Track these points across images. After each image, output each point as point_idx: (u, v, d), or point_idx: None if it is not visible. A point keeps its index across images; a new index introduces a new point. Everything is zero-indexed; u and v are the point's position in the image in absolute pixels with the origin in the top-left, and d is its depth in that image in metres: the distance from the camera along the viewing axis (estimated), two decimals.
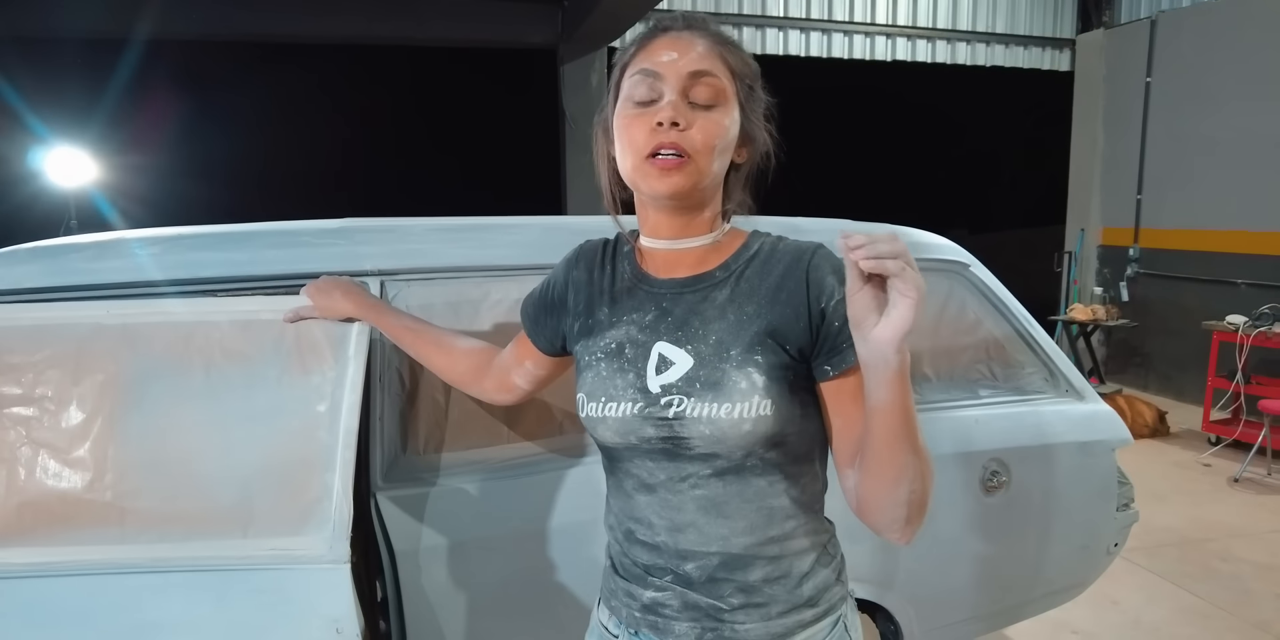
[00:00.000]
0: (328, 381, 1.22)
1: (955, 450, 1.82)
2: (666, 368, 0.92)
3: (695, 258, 0.97)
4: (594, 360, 0.98)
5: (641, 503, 0.96)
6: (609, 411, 0.94)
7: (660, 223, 0.96)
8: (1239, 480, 4.38)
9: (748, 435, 0.88)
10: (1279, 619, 2.90)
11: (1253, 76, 5.57)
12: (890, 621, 1.84)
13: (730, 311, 0.93)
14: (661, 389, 0.91)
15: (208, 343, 1.23)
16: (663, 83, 0.88)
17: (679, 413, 0.90)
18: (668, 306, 0.96)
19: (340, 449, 1.18)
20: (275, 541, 1.16)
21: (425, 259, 1.52)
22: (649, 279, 0.99)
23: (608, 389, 0.95)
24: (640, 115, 0.89)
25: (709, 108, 0.89)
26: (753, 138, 0.96)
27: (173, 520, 1.15)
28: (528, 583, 1.46)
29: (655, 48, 0.90)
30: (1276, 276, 5.40)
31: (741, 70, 0.93)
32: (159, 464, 1.18)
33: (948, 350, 1.94)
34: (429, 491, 1.43)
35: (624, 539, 1.00)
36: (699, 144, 0.88)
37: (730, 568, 0.93)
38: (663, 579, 0.96)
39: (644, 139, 0.88)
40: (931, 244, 1.98)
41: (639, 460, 0.95)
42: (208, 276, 1.39)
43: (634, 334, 0.96)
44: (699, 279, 0.96)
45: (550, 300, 1.07)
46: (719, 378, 0.89)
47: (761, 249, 0.97)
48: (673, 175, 0.88)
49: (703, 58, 0.89)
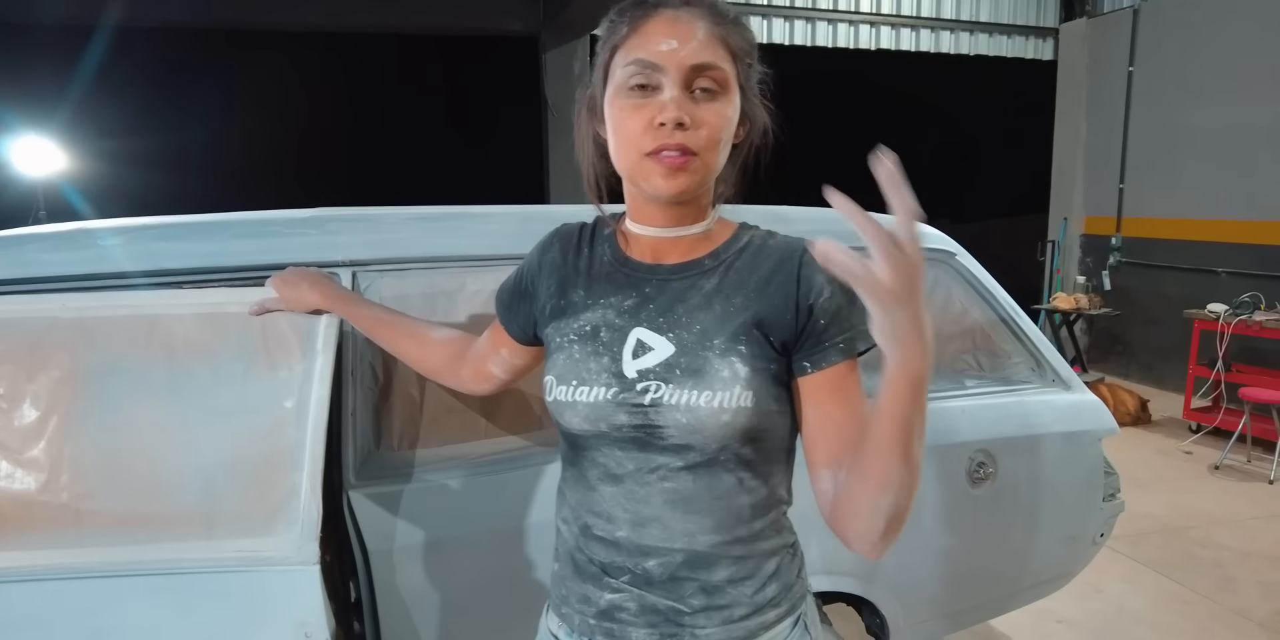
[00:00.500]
0: (295, 376, 1.17)
1: (941, 441, 1.80)
2: (644, 353, 0.89)
3: (686, 245, 0.93)
4: (566, 342, 0.94)
5: (605, 494, 0.92)
6: (580, 395, 0.89)
7: (653, 212, 0.92)
8: (1220, 467, 4.41)
9: (725, 426, 0.85)
10: (1260, 605, 2.92)
11: (1234, 66, 5.58)
12: (876, 615, 1.83)
13: (717, 302, 0.89)
14: (638, 374, 0.88)
15: (170, 336, 1.17)
16: (662, 75, 0.83)
17: (656, 399, 0.86)
18: (650, 293, 0.92)
19: (309, 446, 1.14)
20: (241, 543, 1.11)
21: (399, 249, 1.47)
22: (632, 263, 0.95)
23: (580, 372, 0.90)
24: (640, 107, 0.84)
25: (712, 99, 0.84)
26: (751, 117, 0.92)
27: (133, 522, 1.11)
28: (505, 582, 1.42)
29: (651, 32, 0.84)
30: (1257, 265, 5.44)
31: (742, 49, 0.88)
32: (118, 463, 1.13)
33: (933, 340, 1.92)
34: (403, 489, 1.38)
35: (580, 535, 0.95)
36: (705, 141, 0.84)
37: (694, 566, 0.89)
38: (620, 579, 0.91)
39: (645, 136, 0.83)
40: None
41: (607, 448, 0.91)
42: (173, 268, 1.34)
43: (611, 318, 0.92)
44: (686, 266, 0.92)
45: (524, 285, 1.03)
46: (701, 365, 0.85)
47: (752, 241, 0.93)
48: (678, 176, 0.84)
49: (704, 46, 0.84)
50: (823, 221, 1.93)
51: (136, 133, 5.35)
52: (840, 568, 1.71)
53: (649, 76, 0.83)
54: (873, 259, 0.63)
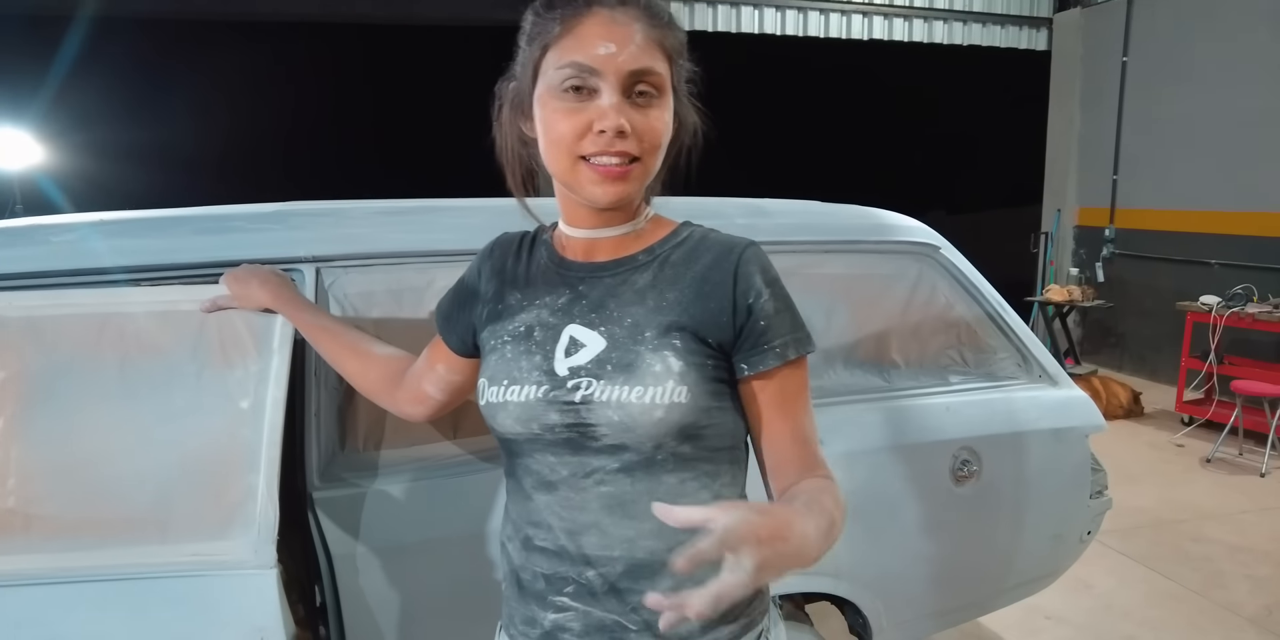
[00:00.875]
0: (251, 376, 1.14)
1: (925, 439, 1.77)
2: (577, 350, 0.86)
3: (620, 241, 0.91)
4: (499, 343, 0.91)
5: (541, 503, 0.88)
6: (510, 395, 0.87)
7: (585, 215, 0.90)
8: (1211, 461, 4.39)
9: (659, 423, 0.81)
10: (1249, 601, 2.90)
11: (1228, 57, 5.54)
12: (858, 615, 1.80)
13: (650, 296, 0.87)
14: (569, 371, 0.85)
15: (121, 336, 1.14)
16: (600, 79, 0.80)
17: (586, 396, 0.83)
18: (584, 290, 0.89)
19: (265, 448, 1.11)
20: (196, 547, 1.08)
21: (364, 244, 1.44)
22: (567, 263, 0.92)
23: (511, 371, 0.88)
24: (575, 111, 0.80)
25: (649, 104, 0.82)
26: (683, 117, 0.89)
27: (83, 527, 1.07)
28: (473, 587, 1.38)
29: (587, 34, 0.80)
30: (1250, 257, 5.41)
31: (676, 50, 0.85)
32: (68, 467, 1.09)
33: (917, 335, 1.89)
34: (368, 492, 1.35)
35: (523, 549, 0.92)
36: (645, 147, 0.81)
37: (635, 576, 0.85)
38: (564, 591, 0.88)
39: (582, 141, 0.80)
40: (901, 226, 1.91)
41: (539, 454, 0.87)
42: (129, 265, 1.30)
43: (545, 317, 0.90)
44: (619, 262, 0.90)
45: (464, 294, 1.00)
46: (632, 360, 0.83)
47: (690, 237, 0.91)
48: (617, 184, 0.81)
49: (643, 50, 0.80)
50: (802, 215, 1.89)
51: (116, 125, 5.29)
52: (819, 567, 1.68)
53: (585, 80, 0.80)
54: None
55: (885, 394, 1.80)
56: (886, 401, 1.79)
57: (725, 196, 1.96)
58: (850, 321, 1.81)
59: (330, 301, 1.39)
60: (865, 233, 1.87)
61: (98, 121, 5.13)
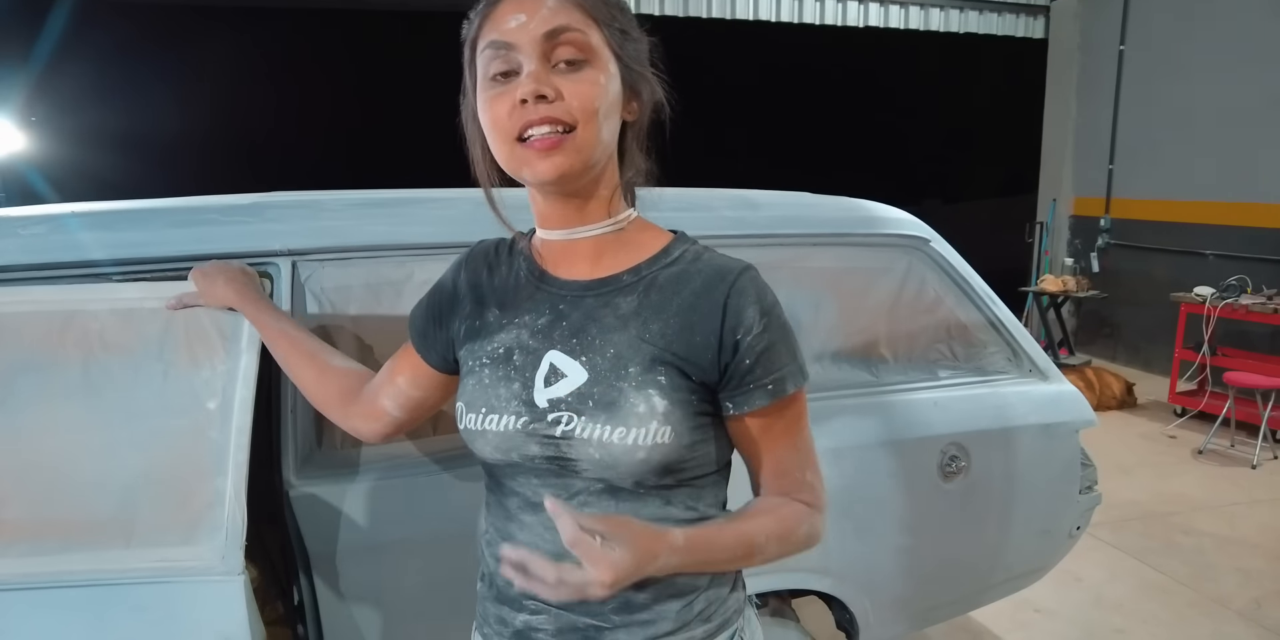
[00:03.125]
0: (219, 376, 1.11)
1: (912, 435, 1.75)
2: (557, 380, 0.82)
3: (593, 248, 0.86)
4: (478, 366, 0.87)
5: (526, 523, 0.86)
6: (489, 424, 0.84)
7: (551, 212, 0.85)
8: (1203, 452, 4.39)
9: (641, 463, 0.79)
10: (1238, 594, 2.90)
11: (1225, 46, 5.50)
12: (845, 611, 1.78)
13: (633, 324, 0.82)
14: (549, 403, 0.82)
15: (85, 334, 1.11)
16: (518, 52, 0.76)
17: (567, 431, 0.80)
18: (564, 310, 0.85)
19: (232, 450, 1.08)
20: (161, 552, 1.05)
21: (341, 237, 1.40)
22: (547, 278, 0.88)
23: (489, 399, 0.85)
24: (502, 93, 0.77)
25: (578, 69, 0.77)
26: (637, 89, 0.83)
27: (45, 531, 1.05)
28: (450, 585, 1.36)
29: (500, 14, 0.77)
30: (1244, 247, 5.39)
31: (606, 16, 0.80)
32: (30, 469, 1.06)
33: (906, 330, 1.86)
34: (346, 489, 1.33)
35: (499, 559, 0.90)
36: (577, 111, 0.76)
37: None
38: (538, 599, 0.86)
39: (510, 120, 0.76)
40: (891, 218, 1.88)
41: (523, 477, 0.85)
42: (100, 259, 1.26)
43: (524, 339, 0.86)
44: (603, 282, 0.85)
45: (438, 306, 0.96)
46: (615, 398, 0.79)
47: (682, 257, 0.86)
48: (554, 155, 0.76)
49: (555, 13, 0.76)
50: (790, 207, 1.86)
51: (100, 111, 5.22)
52: (805, 564, 1.67)
53: (507, 59, 0.77)
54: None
55: (873, 389, 1.78)
56: (874, 396, 1.77)
57: (719, 186, 1.93)
58: (838, 315, 1.78)
59: (307, 296, 1.35)
60: (854, 225, 1.84)
61: (80, 107, 5.06)
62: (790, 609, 1.86)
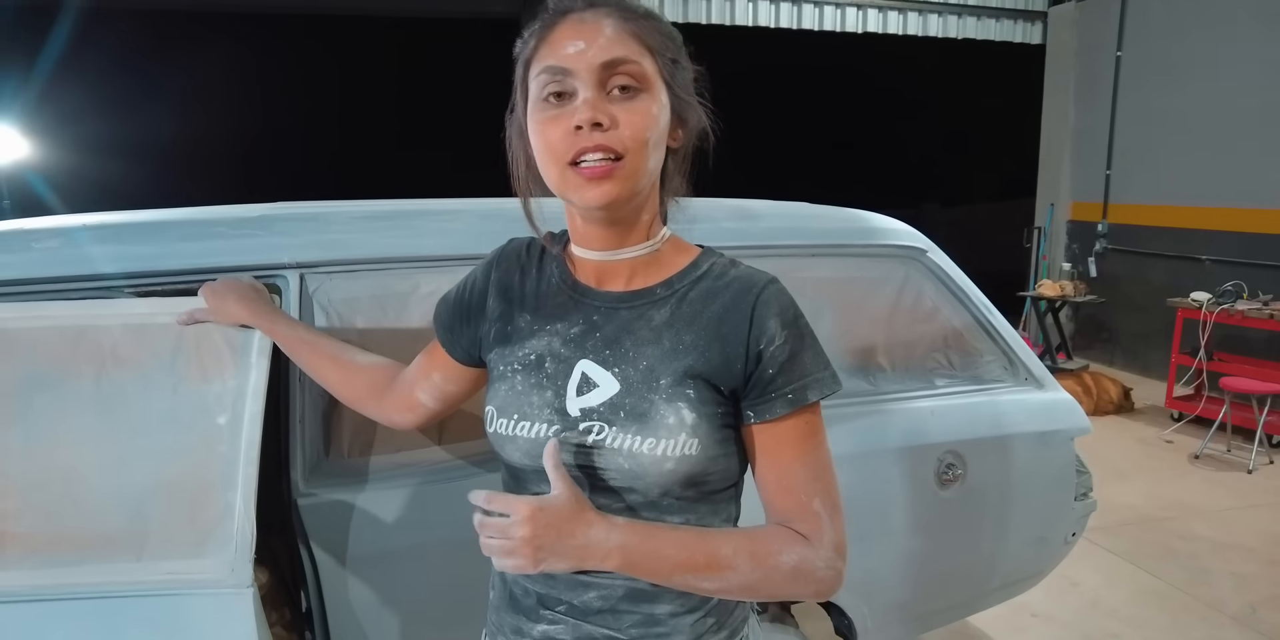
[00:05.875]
0: (229, 391, 1.13)
1: (910, 443, 1.77)
2: (589, 389, 0.85)
3: (631, 267, 0.88)
4: (509, 371, 0.89)
5: None
6: (520, 431, 0.86)
7: (592, 233, 0.87)
8: (1200, 457, 4.41)
9: (669, 474, 0.81)
10: (1234, 599, 2.92)
11: (1221, 52, 5.53)
12: (843, 617, 1.80)
13: (666, 337, 0.85)
14: (581, 412, 0.84)
15: (98, 349, 1.13)
16: (574, 78, 0.78)
17: (598, 441, 0.82)
18: (598, 320, 0.87)
19: (242, 465, 1.10)
20: (172, 565, 1.07)
21: (348, 250, 1.42)
22: (580, 288, 0.90)
23: (521, 405, 0.87)
24: (556, 116, 0.79)
25: (632, 97, 0.79)
26: (685, 118, 0.86)
27: (58, 544, 1.06)
28: (458, 593, 1.38)
29: (558, 37, 0.79)
30: (1241, 253, 5.42)
31: (660, 45, 0.82)
32: (43, 483, 1.08)
33: (903, 339, 1.88)
34: (355, 497, 1.34)
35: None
36: (629, 141, 0.78)
37: (635, 599, 0.87)
38: (556, 610, 0.88)
39: (564, 144, 0.78)
40: (888, 229, 1.91)
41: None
42: (111, 272, 1.29)
43: (556, 347, 0.88)
44: (637, 295, 0.87)
45: (467, 304, 0.97)
46: (646, 409, 0.82)
47: (710, 271, 0.88)
48: (603, 183, 0.78)
49: (613, 43, 0.78)
50: (789, 218, 1.89)
51: (103, 119, 5.24)
52: None
53: (562, 83, 0.78)
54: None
55: (871, 397, 1.80)
56: (872, 405, 1.79)
57: (718, 195, 1.95)
58: (836, 325, 1.80)
59: (315, 308, 1.38)
60: (852, 236, 1.86)
61: (83, 115, 5.08)
62: (789, 615, 1.88)
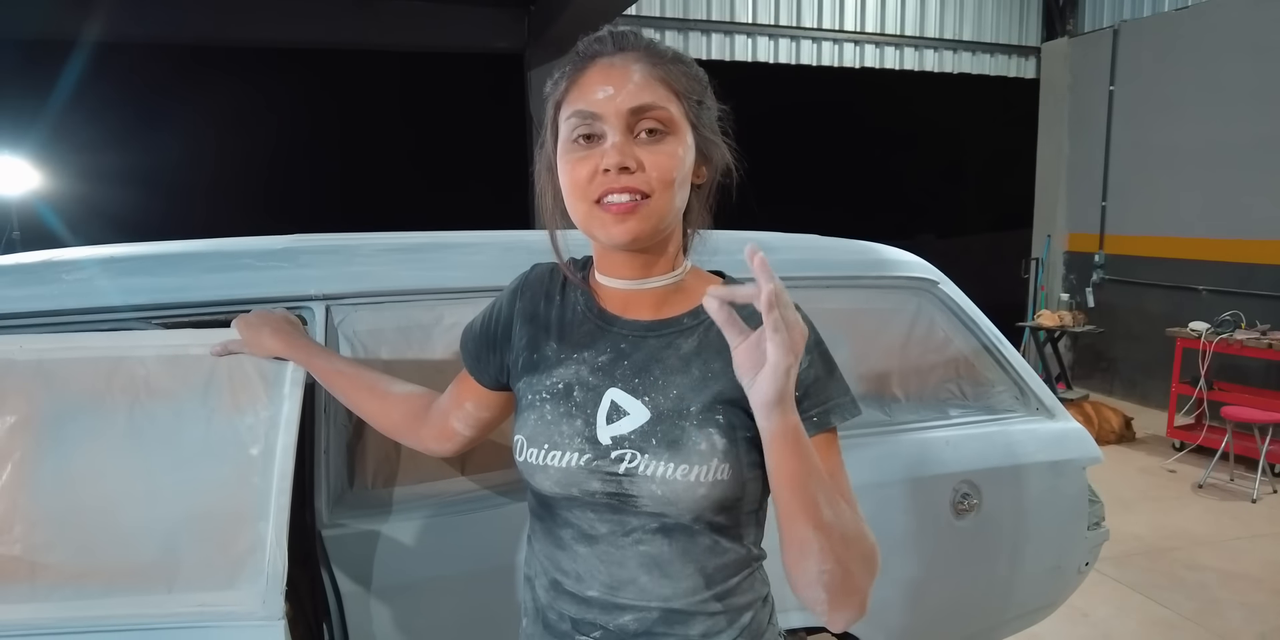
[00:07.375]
0: (261, 422, 1.14)
1: (925, 473, 1.78)
2: (619, 417, 0.86)
3: (656, 297, 0.90)
4: (538, 400, 0.90)
5: (580, 554, 0.89)
6: (551, 460, 0.87)
7: (618, 263, 0.89)
8: (1203, 486, 4.41)
9: (702, 499, 0.83)
10: (1244, 629, 2.91)
11: (1212, 85, 5.64)
12: None
13: (695, 365, 0.87)
14: (613, 440, 0.85)
15: (131, 380, 1.14)
16: (603, 123, 0.81)
17: (630, 469, 0.84)
18: (626, 349, 0.89)
19: (274, 496, 1.10)
20: (203, 596, 1.07)
21: (374, 282, 1.44)
22: (607, 316, 0.92)
23: (551, 435, 0.88)
24: (585, 157, 0.82)
25: (659, 140, 0.82)
26: (709, 155, 0.89)
27: (89, 575, 1.06)
28: (483, 624, 1.38)
29: (588, 82, 0.83)
30: (1237, 283, 5.47)
31: (687, 88, 0.85)
32: (75, 513, 1.08)
33: (917, 369, 1.90)
34: (379, 529, 1.34)
35: (550, 590, 0.92)
36: (655, 182, 0.81)
37: (670, 622, 0.87)
38: (591, 636, 0.89)
39: (591, 183, 0.81)
40: (900, 261, 1.94)
41: (579, 511, 0.88)
42: (140, 304, 1.30)
43: (584, 375, 0.89)
44: (665, 324, 0.89)
45: (493, 333, 0.99)
46: (678, 436, 0.83)
47: None
48: (628, 221, 0.81)
49: (641, 89, 0.81)
50: (803, 250, 1.91)
51: (112, 151, 5.29)
52: None
53: (591, 126, 0.82)
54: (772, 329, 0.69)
55: (886, 427, 1.81)
56: (888, 435, 1.80)
57: (723, 228, 1.98)
58: (851, 356, 1.82)
59: (340, 339, 1.39)
60: (865, 268, 1.89)
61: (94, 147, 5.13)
62: None
